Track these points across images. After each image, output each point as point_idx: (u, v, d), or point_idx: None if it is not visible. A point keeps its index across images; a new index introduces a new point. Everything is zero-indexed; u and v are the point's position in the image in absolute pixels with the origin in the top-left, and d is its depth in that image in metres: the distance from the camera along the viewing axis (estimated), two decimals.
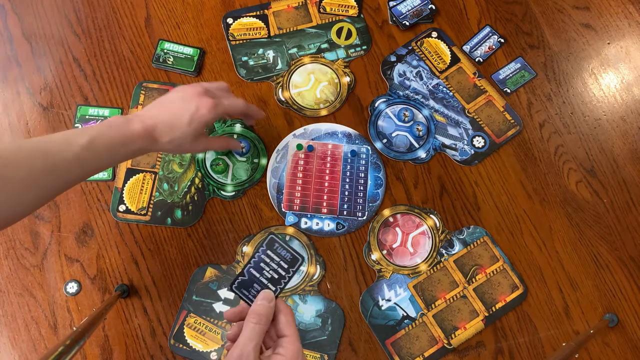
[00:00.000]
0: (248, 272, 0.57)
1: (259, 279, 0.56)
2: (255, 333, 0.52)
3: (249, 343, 0.51)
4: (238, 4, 0.96)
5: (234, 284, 0.56)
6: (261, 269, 0.56)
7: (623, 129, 0.91)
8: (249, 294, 0.56)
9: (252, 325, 0.52)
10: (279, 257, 0.57)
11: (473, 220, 0.86)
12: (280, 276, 0.56)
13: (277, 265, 0.56)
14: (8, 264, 0.81)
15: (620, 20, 0.98)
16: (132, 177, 0.85)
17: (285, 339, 0.53)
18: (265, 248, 0.57)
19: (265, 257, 0.57)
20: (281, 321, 0.54)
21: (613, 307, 0.82)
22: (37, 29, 0.93)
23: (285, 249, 0.57)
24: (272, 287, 0.56)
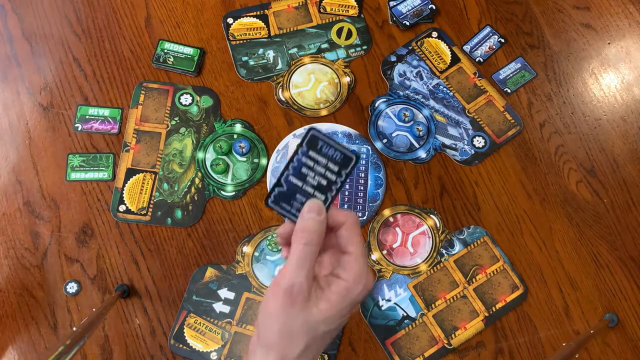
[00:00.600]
0: (287, 181, 0.45)
1: (301, 189, 0.45)
2: (305, 258, 0.42)
3: (298, 272, 0.41)
4: (238, 4, 0.96)
5: (270, 197, 0.45)
6: (303, 175, 0.44)
7: (623, 129, 0.91)
8: (291, 208, 0.45)
9: (301, 247, 0.42)
10: (326, 157, 0.44)
11: (473, 220, 0.85)
12: (329, 181, 0.44)
13: (324, 168, 0.44)
14: (8, 264, 0.81)
15: (620, 20, 0.98)
16: (132, 177, 0.85)
17: (346, 257, 0.43)
18: (306, 148, 0.44)
19: (307, 160, 0.44)
20: (342, 235, 0.44)
21: (613, 307, 0.82)
22: (37, 29, 0.93)
23: (333, 146, 0.44)
24: (320, 196, 0.44)
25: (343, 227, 0.44)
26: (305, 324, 0.42)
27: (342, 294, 0.42)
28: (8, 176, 0.85)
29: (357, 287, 0.43)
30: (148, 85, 0.90)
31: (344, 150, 0.44)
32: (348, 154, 0.44)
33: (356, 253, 0.43)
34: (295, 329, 0.42)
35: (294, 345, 0.42)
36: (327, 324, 0.43)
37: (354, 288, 0.43)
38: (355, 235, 0.44)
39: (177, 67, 0.91)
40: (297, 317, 0.41)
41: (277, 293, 0.41)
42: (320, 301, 0.42)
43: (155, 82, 0.90)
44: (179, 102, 0.89)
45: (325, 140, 0.44)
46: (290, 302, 0.41)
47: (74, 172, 0.85)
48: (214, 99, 0.90)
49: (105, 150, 0.87)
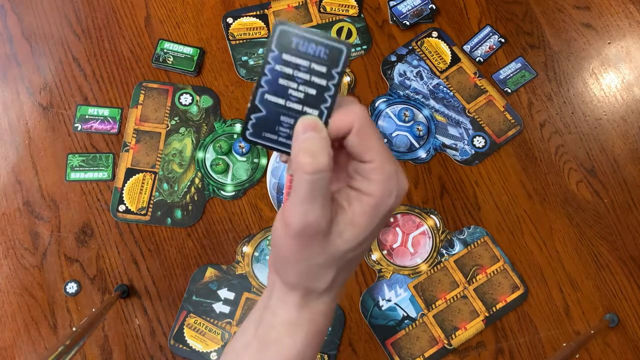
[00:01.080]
0: (263, 103, 0.34)
1: (286, 107, 0.34)
2: (315, 189, 0.31)
3: (310, 207, 0.32)
4: (238, 4, 0.96)
5: (247, 129, 0.35)
6: (283, 89, 0.34)
7: (624, 129, 0.91)
8: (279, 137, 0.35)
9: (307, 177, 0.31)
10: (307, 58, 0.33)
11: (473, 220, 0.85)
12: (320, 88, 0.34)
13: (307, 73, 0.33)
14: (8, 264, 0.81)
15: (620, 20, 0.97)
16: (132, 177, 0.85)
17: (366, 166, 0.33)
18: (278, 52, 0.33)
19: (283, 68, 0.33)
20: (352, 143, 0.33)
21: (614, 307, 0.82)
22: (36, 28, 0.93)
23: (313, 40, 0.33)
24: (312, 112, 0.34)
25: (352, 133, 0.33)
26: (330, 257, 0.34)
27: (370, 213, 0.33)
28: (8, 176, 0.85)
29: (387, 200, 0.33)
30: (148, 85, 0.90)
31: (329, 42, 0.33)
32: (335, 44, 0.33)
33: (378, 159, 0.33)
34: (319, 265, 0.35)
35: (320, 281, 0.36)
36: (356, 250, 0.35)
37: (384, 202, 0.33)
38: (371, 138, 0.33)
39: (176, 67, 0.90)
40: (319, 254, 0.34)
41: (287, 235, 0.33)
42: (344, 229, 0.33)
43: (155, 81, 0.90)
44: (178, 102, 0.89)
45: (300, 35, 0.33)
46: (306, 244, 0.33)
47: (73, 172, 0.85)
48: (213, 98, 0.90)
49: (105, 150, 0.87)
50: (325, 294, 0.37)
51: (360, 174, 0.34)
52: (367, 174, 0.33)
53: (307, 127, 0.33)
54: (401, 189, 0.34)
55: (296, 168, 0.32)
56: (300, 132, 0.33)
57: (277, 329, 0.38)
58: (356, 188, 0.34)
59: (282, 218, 0.34)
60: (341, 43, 0.33)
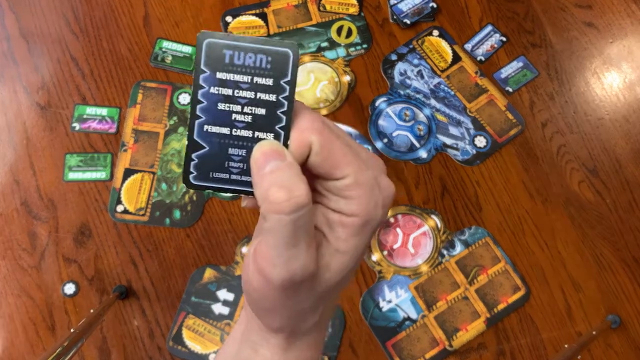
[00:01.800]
0: (203, 135, 0.28)
1: (232, 137, 0.28)
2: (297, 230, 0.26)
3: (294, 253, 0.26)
4: (237, 2, 0.95)
5: (190, 172, 0.28)
6: (225, 115, 0.28)
7: (626, 129, 0.90)
8: (231, 174, 0.29)
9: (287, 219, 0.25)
10: (247, 72, 0.27)
11: (475, 220, 0.85)
12: (269, 105, 0.28)
13: (251, 90, 0.27)
14: (5, 265, 0.81)
15: (622, 19, 0.97)
16: (130, 177, 0.85)
17: (341, 183, 0.27)
18: (210, 72, 0.27)
19: (219, 89, 0.27)
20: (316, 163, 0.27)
21: (616, 309, 0.81)
22: (34, 27, 0.92)
23: (250, 50, 0.27)
24: (265, 136, 0.28)
25: (312, 152, 0.27)
26: (319, 296, 0.29)
27: (356, 234, 0.28)
28: (5, 176, 0.84)
29: (374, 214, 0.28)
30: (146, 84, 0.89)
31: (270, 47, 0.27)
32: (277, 49, 0.27)
33: (351, 172, 0.27)
34: (307, 308, 0.30)
35: (307, 321, 0.31)
36: (345, 277, 0.30)
37: (371, 218, 0.28)
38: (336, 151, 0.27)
39: (175, 66, 0.90)
40: (307, 298, 0.29)
41: (268, 288, 0.28)
42: (331, 260, 0.28)
43: (153, 81, 0.90)
44: (177, 101, 0.89)
45: (233, 45, 0.27)
46: (292, 293, 0.28)
47: (71, 172, 0.85)
48: None
49: (103, 150, 0.86)
50: (313, 328, 0.32)
51: (335, 193, 0.28)
52: (343, 192, 0.27)
53: (269, 155, 0.27)
54: (386, 196, 0.29)
55: (269, 209, 0.26)
56: (262, 164, 0.27)
57: None
58: (334, 209, 0.28)
59: (257, 268, 0.28)
60: (284, 46, 0.27)
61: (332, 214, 0.28)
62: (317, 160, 0.27)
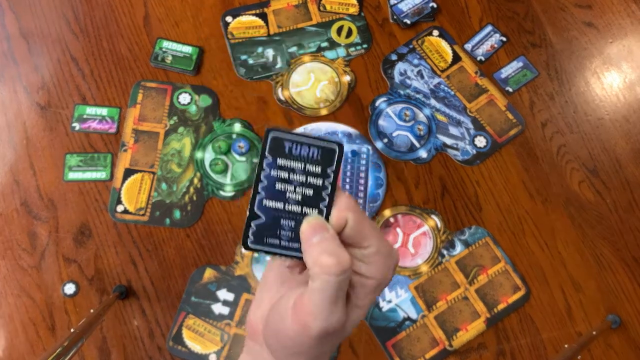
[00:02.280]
0: (262, 209, 0.34)
1: (285, 211, 0.35)
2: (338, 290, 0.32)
3: (332, 309, 0.32)
4: (237, 2, 0.95)
5: (248, 237, 0.35)
6: (280, 193, 0.34)
7: (626, 129, 0.90)
8: (282, 240, 0.35)
9: (332, 279, 0.32)
10: (301, 160, 0.35)
11: (475, 220, 0.85)
12: (316, 188, 0.34)
13: (303, 174, 0.34)
14: (5, 265, 0.81)
15: (622, 19, 0.97)
16: (130, 177, 0.85)
17: (363, 251, 0.34)
18: (272, 158, 0.34)
19: (278, 173, 0.34)
20: (348, 235, 0.34)
21: (616, 309, 0.81)
22: (34, 27, 0.92)
23: (305, 143, 0.34)
24: (311, 212, 0.34)
25: (347, 226, 0.34)
26: (337, 342, 0.36)
27: (373, 292, 0.35)
28: (5, 176, 0.85)
29: (387, 276, 0.35)
30: (146, 84, 0.89)
31: (321, 143, 0.34)
32: (327, 145, 0.34)
33: (375, 244, 0.34)
34: (326, 351, 0.36)
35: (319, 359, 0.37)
36: (357, 324, 0.36)
37: (385, 280, 0.35)
38: (365, 226, 0.34)
39: (175, 66, 0.90)
40: (330, 343, 0.35)
41: (305, 336, 0.33)
42: (352, 313, 0.35)
43: (153, 81, 0.90)
44: (177, 101, 0.89)
45: (292, 139, 0.34)
46: (325, 341, 0.34)
47: (71, 172, 0.85)
48: (212, 98, 0.89)
49: (103, 150, 0.86)
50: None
51: (360, 259, 0.34)
52: (367, 259, 0.34)
53: (316, 228, 0.33)
54: (396, 261, 0.36)
55: (320, 271, 0.32)
56: (310, 235, 0.33)
57: None
58: (358, 272, 0.34)
59: (296, 319, 0.33)
60: (334, 143, 0.34)
61: (355, 277, 0.34)
62: (350, 232, 0.34)
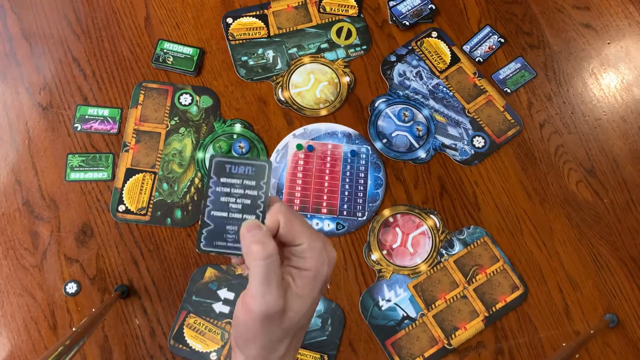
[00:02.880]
0: (211, 218, 0.43)
1: (229, 218, 0.43)
2: (270, 272, 0.39)
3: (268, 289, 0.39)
4: (238, 4, 0.96)
5: (201, 241, 0.43)
6: (225, 205, 0.43)
7: (623, 129, 0.91)
8: (227, 242, 0.44)
9: (261, 263, 0.39)
10: (239, 177, 0.44)
11: (473, 220, 0.85)
12: (253, 198, 0.43)
13: (241, 188, 0.43)
14: (7, 264, 0.81)
15: (620, 20, 0.97)
16: (132, 177, 0.85)
17: (299, 248, 0.42)
18: (216, 177, 0.44)
19: (222, 188, 0.43)
20: (283, 235, 0.42)
21: (613, 308, 0.82)
22: (36, 28, 0.93)
23: (241, 164, 0.44)
24: (250, 217, 0.43)
25: (280, 227, 0.42)
26: (286, 330, 0.41)
27: (310, 284, 0.41)
28: (7, 176, 0.85)
29: (322, 270, 0.42)
30: (147, 85, 0.90)
31: (253, 162, 0.43)
32: (258, 163, 0.43)
33: (306, 241, 0.41)
34: (276, 339, 0.42)
35: (277, 351, 0.42)
36: (305, 317, 0.42)
37: (320, 272, 0.42)
38: (296, 226, 0.42)
39: (176, 67, 0.90)
40: (276, 330, 0.41)
41: (250, 319, 0.40)
42: (293, 302, 0.41)
43: (154, 82, 0.90)
44: (178, 102, 0.89)
45: (230, 162, 0.44)
46: (267, 323, 0.40)
47: (73, 172, 0.85)
48: (213, 98, 0.90)
49: (105, 150, 0.87)
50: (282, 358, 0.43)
51: (296, 255, 0.42)
52: (301, 254, 0.41)
53: (251, 227, 0.41)
54: (331, 258, 0.43)
55: (251, 258, 0.39)
56: (246, 233, 0.41)
57: None
58: (296, 266, 0.42)
59: (243, 305, 0.40)
60: (263, 161, 0.44)
61: (294, 270, 0.42)
62: (283, 232, 0.42)
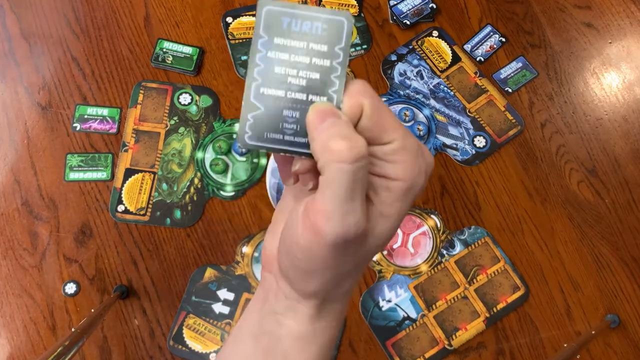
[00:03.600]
0: (259, 97, 0.29)
1: (287, 99, 0.29)
2: (356, 182, 0.26)
3: (350, 207, 0.26)
4: (237, 3, 0.96)
5: (245, 132, 0.29)
6: (281, 79, 0.29)
7: (625, 129, 0.90)
8: (285, 135, 0.29)
9: (348, 168, 0.26)
10: (303, 38, 0.28)
11: (474, 220, 0.85)
12: (323, 71, 0.29)
13: (306, 55, 0.29)
14: (7, 265, 0.81)
15: (622, 20, 0.97)
16: (131, 177, 0.85)
17: (386, 148, 0.28)
18: (268, 37, 0.29)
19: (276, 54, 0.29)
20: (367, 126, 0.28)
21: (615, 308, 0.82)
22: (35, 28, 0.93)
23: (307, 17, 0.28)
24: (318, 99, 0.29)
25: (363, 116, 0.28)
26: (359, 260, 0.30)
27: (401, 199, 0.28)
28: (6, 176, 0.85)
29: (418, 180, 0.28)
30: (147, 84, 0.90)
31: (326, 15, 0.28)
32: (333, 17, 0.28)
33: (399, 138, 0.28)
34: (345, 271, 0.30)
35: (343, 287, 0.31)
36: (385, 242, 0.30)
37: (416, 183, 0.28)
38: (386, 116, 0.28)
39: (176, 67, 0.90)
40: (351, 260, 0.29)
41: (320, 245, 0.27)
42: (376, 224, 0.29)
43: (154, 81, 0.90)
44: (178, 101, 0.89)
45: (290, 12, 0.28)
46: (342, 252, 0.28)
47: (72, 172, 0.85)
48: (213, 98, 0.90)
49: (104, 150, 0.86)
50: (341, 298, 0.32)
51: (381, 158, 0.28)
52: (390, 157, 0.28)
53: (325, 114, 0.27)
54: (429, 164, 0.29)
55: (331, 158, 0.26)
56: (318, 122, 0.27)
57: (284, 342, 0.32)
58: (380, 174, 0.28)
59: (308, 225, 0.27)
60: (340, 14, 0.28)
61: (377, 179, 0.28)
62: (367, 123, 0.27)
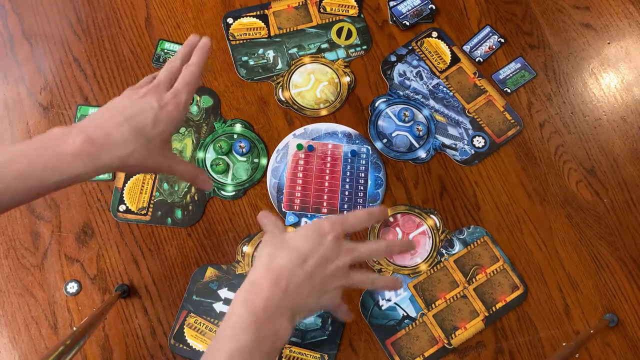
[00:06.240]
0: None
1: None
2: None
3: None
4: (238, 4, 0.96)
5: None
6: None
7: (623, 129, 0.91)
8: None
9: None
10: None
11: (473, 220, 0.85)
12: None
13: None
14: (8, 264, 0.81)
15: (620, 20, 0.98)
16: (133, 177, 0.85)
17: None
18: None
19: None
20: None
21: (613, 307, 0.82)
22: (37, 29, 0.93)
23: None
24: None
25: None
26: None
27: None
28: None
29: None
30: None
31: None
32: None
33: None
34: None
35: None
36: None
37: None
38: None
39: None
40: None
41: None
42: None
43: None
44: None
45: None
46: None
47: None
48: (214, 98, 0.90)
49: None
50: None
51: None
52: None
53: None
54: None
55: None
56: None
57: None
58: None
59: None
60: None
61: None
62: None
